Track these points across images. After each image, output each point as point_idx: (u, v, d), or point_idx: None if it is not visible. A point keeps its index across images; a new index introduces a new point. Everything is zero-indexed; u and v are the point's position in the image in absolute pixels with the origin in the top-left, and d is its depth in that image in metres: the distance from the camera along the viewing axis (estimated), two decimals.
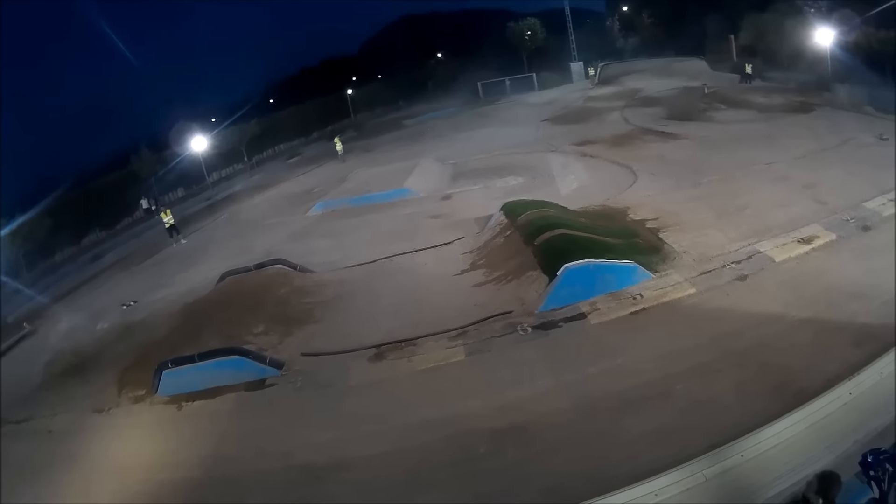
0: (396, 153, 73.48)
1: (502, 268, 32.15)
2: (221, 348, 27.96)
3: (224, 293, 36.19)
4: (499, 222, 37.13)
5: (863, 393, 15.80)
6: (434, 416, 21.60)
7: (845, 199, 31.91)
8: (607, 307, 26.51)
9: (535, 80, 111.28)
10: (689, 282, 27.18)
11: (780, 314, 23.18)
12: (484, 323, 27.30)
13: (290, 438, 22.33)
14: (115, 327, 37.02)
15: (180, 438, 23.96)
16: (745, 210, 33.36)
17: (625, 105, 76.07)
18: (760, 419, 15.55)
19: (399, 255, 38.10)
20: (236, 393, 26.16)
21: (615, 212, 37.29)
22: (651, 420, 18.89)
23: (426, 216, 45.94)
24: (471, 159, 62.40)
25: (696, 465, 14.22)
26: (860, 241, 27.94)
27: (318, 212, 54.22)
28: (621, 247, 30.25)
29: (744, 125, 53.78)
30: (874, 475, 10.17)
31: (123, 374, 29.68)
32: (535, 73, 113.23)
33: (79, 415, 27.28)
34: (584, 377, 22.13)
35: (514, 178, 51.24)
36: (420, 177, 56.26)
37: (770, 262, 27.53)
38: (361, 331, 28.99)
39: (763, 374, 19.85)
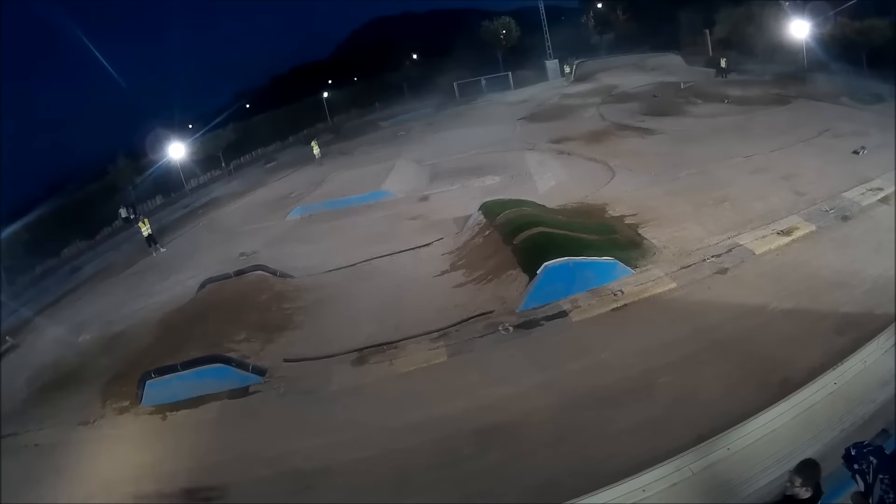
0: (373, 155, 73.32)
1: (482, 268, 32.05)
2: (204, 357, 27.71)
3: (205, 301, 35.92)
4: (477, 222, 37.08)
5: (848, 382, 15.80)
6: (418, 418, 21.48)
7: (824, 189, 32.04)
8: (588, 304, 26.42)
9: (510, 78, 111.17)
10: (670, 276, 27.16)
11: (761, 306, 23.25)
12: (465, 324, 27.20)
13: (275, 445, 22.15)
14: (97, 339, 36.76)
15: (166, 449, 23.74)
16: (724, 203, 33.39)
17: (601, 102, 76.10)
18: (745, 411, 15.48)
19: (378, 257, 37.96)
20: (220, 401, 25.95)
21: (593, 208, 37.33)
22: (636, 415, 18.83)
23: (404, 218, 45.79)
24: (448, 159, 62.28)
25: (682, 460, 14.12)
26: (840, 231, 28.03)
27: (296, 216, 53.94)
28: (601, 243, 30.21)
29: (720, 118, 53.92)
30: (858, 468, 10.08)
31: (107, 386, 29.47)
32: (510, 71, 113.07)
33: (65, 428, 27.02)
34: (567, 374, 22.06)
35: (491, 178, 51.11)
36: (397, 178, 56.10)
37: (750, 255, 27.53)
38: (343, 335, 28.83)
39: (747, 365, 19.88)
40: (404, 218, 45.73)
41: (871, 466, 9.89)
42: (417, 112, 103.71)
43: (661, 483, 13.88)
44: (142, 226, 55.15)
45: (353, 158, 75.91)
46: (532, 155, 56.67)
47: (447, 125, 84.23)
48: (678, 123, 55.71)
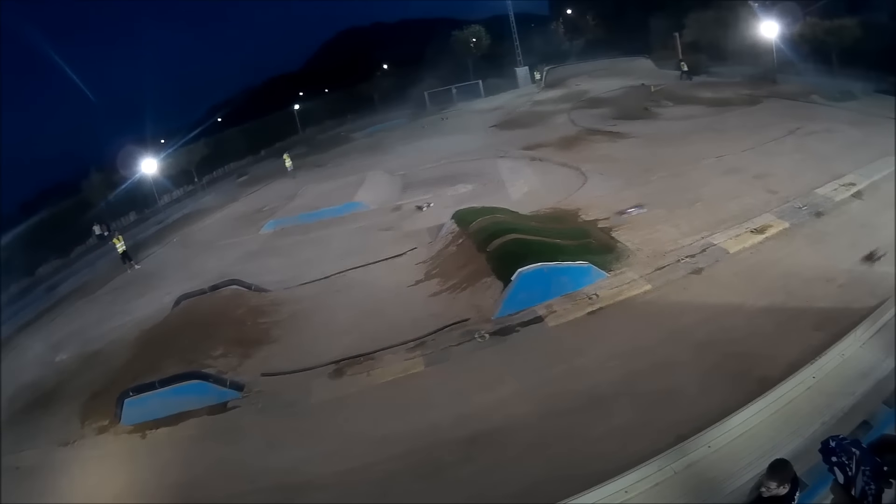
0: (346, 167, 73.23)
1: (456, 276, 31.96)
2: (181, 373, 27.53)
3: (181, 317, 35.73)
4: (450, 231, 36.99)
5: (826, 376, 15.94)
6: (398, 428, 21.42)
7: (796, 187, 32.20)
8: (564, 309, 26.40)
9: (481, 86, 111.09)
10: (645, 278, 27.19)
11: (738, 304, 23.35)
12: (441, 332, 27.09)
13: (256, 460, 22.02)
14: (74, 358, 36.48)
15: (147, 468, 23.58)
16: (697, 204, 33.45)
17: (572, 107, 76.21)
18: (725, 409, 15.50)
19: (353, 269, 37.86)
20: (199, 418, 25.76)
21: (566, 214, 37.32)
22: (616, 417, 18.86)
23: (378, 229, 45.68)
24: (420, 169, 62.29)
25: (664, 460, 14.15)
26: (814, 227, 28.21)
27: (269, 230, 53.79)
28: (574, 248, 30.15)
29: (692, 121, 54.02)
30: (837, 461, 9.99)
31: (86, 405, 29.20)
32: (481, 79, 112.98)
33: (45, 449, 26.73)
34: (545, 380, 22.06)
35: (464, 186, 51.03)
36: (370, 189, 55.98)
37: (725, 254, 27.64)
38: (319, 348, 28.69)
39: (725, 363, 19.93)
40: (378, 229, 45.60)
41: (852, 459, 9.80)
42: (389, 123, 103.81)
43: (643, 483, 13.88)
44: (116, 242, 54.77)
45: (325, 170, 75.77)
46: (504, 162, 56.60)
47: (419, 135, 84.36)
48: (649, 126, 55.84)
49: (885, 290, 21.07)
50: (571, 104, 78.13)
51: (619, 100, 73.41)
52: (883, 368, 16.17)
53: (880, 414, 14.83)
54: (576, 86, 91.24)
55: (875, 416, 14.73)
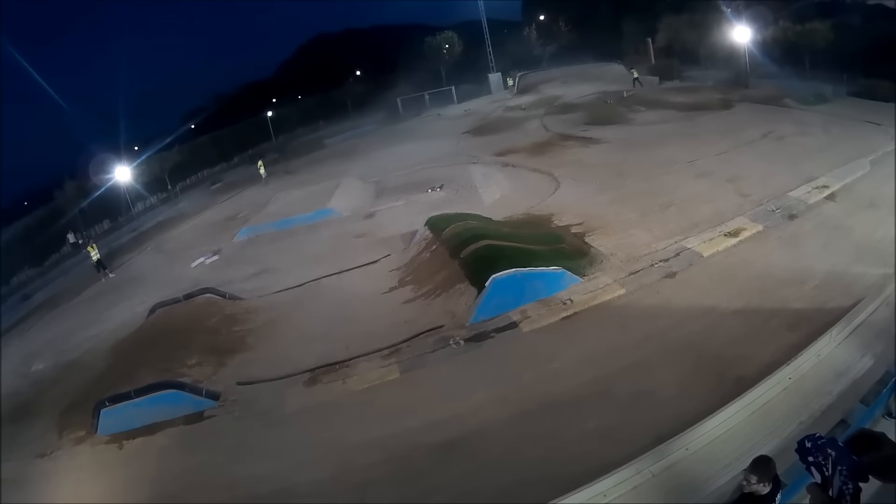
0: (318, 173, 73.08)
1: (430, 283, 31.92)
2: (157, 382, 27.30)
3: (155, 326, 35.50)
4: (424, 237, 36.97)
5: (802, 376, 16.06)
6: (374, 435, 21.32)
7: (769, 190, 32.53)
8: (538, 314, 26.40)
9: (454, 92, 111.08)
10: (619, 283, 27.27)
11: (712, 306, 23.49)
12: (416, 339, 27.02)
13: (233, 469, 21.84)
14: (50, 368, 36.18)
15: (124, 478, 23.31)
16: (670, 208, 33.68)
17: (544, 113, 76.53)
18: (702, 410, 15.54)
19: (326, 276, 37.71)
20: (176, 427, 25.53)
21: (539, 219, 37.43)
22: (592, 421, 18.88)
23: (351, 235, 45.60)
24: (393, 175, 62.26)
25: (641, 463, 14.14)
26: (787, 229, 28.46)
27: (242, 238, 53.42)
28: (547, 253, 30.21)
29: (664, 125, 54.48)
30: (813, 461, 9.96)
31: (63, 416, 28.88)
32: (453, 85, 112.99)
33: (22, 461, 26.31)
34: (520, 385, 22.04)
35: (436, 192, 50.94)
36: (343, 196, 55.88)
37: (698, 258, 27.79)
38: (294, 356, 28.54)
39: (701, 365, 20.04)
40: (351, 236, 45.52)
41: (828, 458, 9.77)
42: (362, 129, 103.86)
43: (621, 487, 13.87)
44: (90, 251, 54.43)
45: (298, 177, 75.69)
46: (477, 168, 56.75)
47: (391, 141, 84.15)
48: (622, 131, 56.10)
49: (858, 290, 21.39)
50: (544, 110, 78.60)
51: (592, 105, 73.74)
52: (859, 368, 16.32)
53: (857, 412, 14.88)
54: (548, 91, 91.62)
55: (852, 415, 14.80)
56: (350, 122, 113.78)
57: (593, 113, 67.97)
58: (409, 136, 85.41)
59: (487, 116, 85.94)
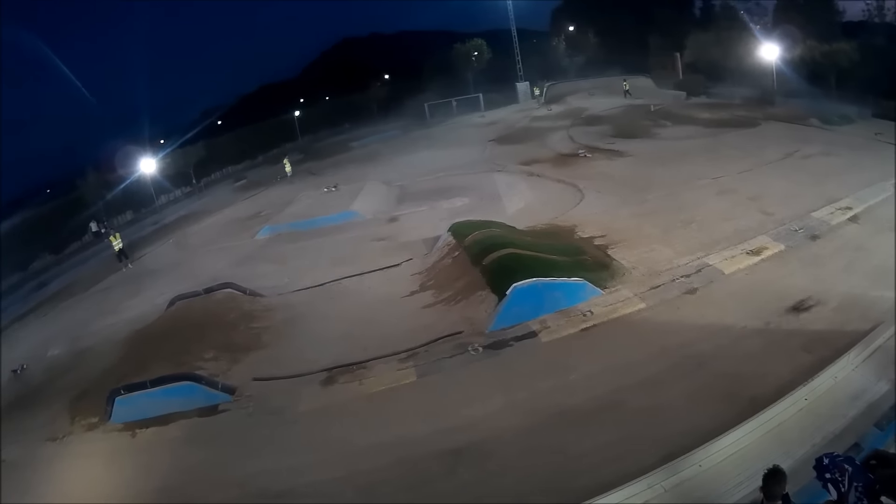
0: (342, 175, 72.92)
1: (451, 288, 31.91)
2: (173, 374, 27.45)
3: (173, 319, 35.56)
4: (446, 243, 36.94)
5: (818, 398, 15.97)
6: (387, 438, 21.29)
7: (792, 209, 32.30)
8: (557, 325, 26.33)
9: (481, 100, 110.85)
10: (639, 297, 27.16)
11: (730, 325, 23.32)
12: (434, 344, 26.99)
13: (243, 465, 21.89)
14: (65, 354, 36.43)
15: (134, 466, 23.43)
16: (693, 224, 33.57)
17: (570, 124, 76.37)
18: (715, 428, 15.56)
19: (347, 277, 37.72)
20: (189, 419, 25.63)
21: (562, 230, 37.30)
22: (606, 434, 18.74)
23: (373, 239, 45.61)
24: (417, 181, 62.23)
25: (654, 477, 14.17)
26: (809, 250, 28.27)
27: (264, 236, 53.66)
28: (569, 264, 30.18)
29: (690, 141, 54.26)
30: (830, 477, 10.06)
31: (75, 402, 29.05)
32: (481, 93, 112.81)
33: (32, 444, 26.58)
34: (536, 395, 21.94)
35: (460, 199, 50.98)
36: (366, 199, 56.00)
37: (719, 275, 27.65)
38: (311, 355, 28.57)
39: (716, 384, 19.88)
40: (373, 239, 45.53)
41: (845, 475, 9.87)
42: (387, 133, 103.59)
43: (633, 500, 13.89)
44: (113, 240, 54.86)
45: (322, 178, 75.56)
46: (501, 176, 56.64)
47: (417, 146, 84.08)
48: (647, 145, 55.96)
49: (877, 314, 21.20)
50: (570, 121, 78.46)
51: (618, 118, 73.65)
52: (874, 392, 16.24)
53: (871, 436, 14.83)
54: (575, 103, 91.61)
55: (866, 439, 14.73)
56: (376, 126, 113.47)
57: (619, 126, 67.85)
58: (434, 142, 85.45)
59: (514, 125, 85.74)
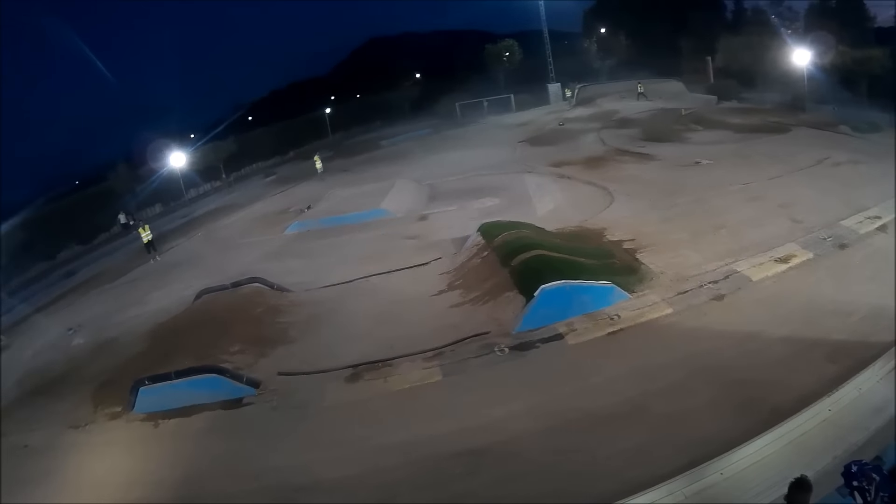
0: (373, 173, 73.15)
1: (479, 289, 32.00)
2: (198, 366, 27.69)
3: (200, 311, 35.97)
4: (475, 243, 37.00)
5: (841, 409, 15.91)
6: (410, 436, 21.40)
7: (822, 217, 32.13)
8: (584, 328, 26.36)
9: (512, 101, 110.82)
10: (667, 302, 27.13)
11: (756, 332, 23.22)
12: (460, 344, 27.07)
13: (264, 458, 22.10)
14: (89, 344, 36.78)
15: (156, 456, 23.68)
16: (722, 230, 33.45)
17: (601, 126, 76.23)
18: (737, 436, 15.61)
19: (375, 275, 37.89)
20: (212, 411, 25.87)
21: (591, 233, 37.28)
22: (628, 439, 18.76)
23: (402, 237, 45.73)
24: (447, 180, 62.35)
25: (674, 484, 14.22)
26: (837, 259, 28.11)
27: (293, 231, 53.93)
28: (597, 267, 30.15)
29: (720, 146, 53.96)
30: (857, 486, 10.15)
31: (99, 391, 29.43)
32: (512, 94, 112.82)
33: (54, 430, 26.96)
34: (560, 397, 21.98)
35: (490, 199, 51.00)
36: (396, 197, 56.07)
37: (747, 282, 27.54)
38: (337, 351, 28.74)
39: (740, 391, 19.84)
40: (402, 237, 45.66)
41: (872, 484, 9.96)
42: (418, 132, 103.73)
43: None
44: (142, 231, 55.32)
45: (352, 175, 75.87)
46: (531, 178, 56.63)
47: (447, 146, 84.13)
48: (677, 150, 55.74)
49: None
50: (601, 123, 78.32)
51: (649, 121, 73.47)
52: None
53: (893, 450, 14.59)
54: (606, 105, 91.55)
55: (888, 452, 14.43)
56: (406, 124, 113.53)
57: (650, 129, 67.75)
58: (465, 141, 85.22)
59: (545, 127, 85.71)
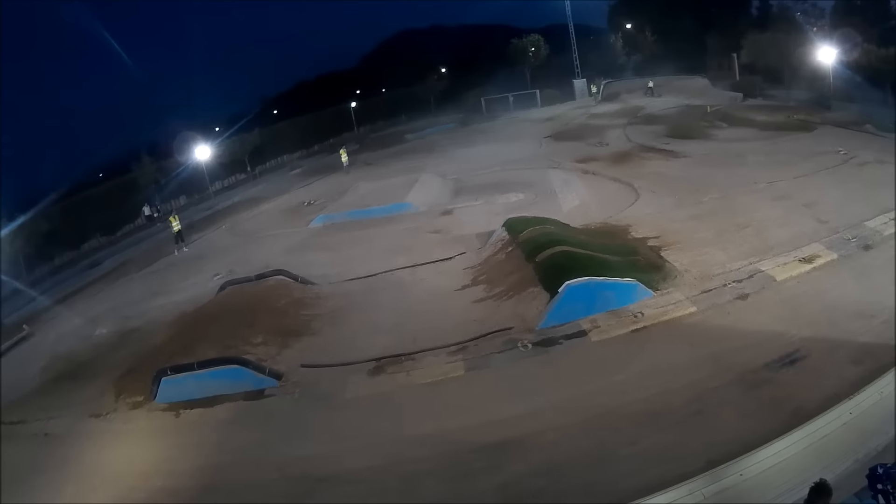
0: (398, 167, 73.52)
1: (503, 284, 32.07)
2: (221, 357, 28.00)
3: (224, 303, 36.28)
4: (500, 238, 37.18)
5: (863, 412, 15.77)
6: (431, 430, 21.58)
7: (846, 218, 31.91)
8: (608, 325, 26.42)
9: (538, 96, 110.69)
10: (690, 300, 27.12)
11: (780, 332, 23.10)
12: (484, 339, 27.20)
13: (285, 449, 22.38)
14: (113, 334, 37.26)
15: (177, 446, 24.02)
16: (746, 229, 33.33)
17: (627, 123, 76.16)
18: (758, 437, 15.60)
19: (399, 269, 38.10)
20: (234, 402, 26.17)
21: (616, 229, 37.29)
22: (649, 437, 18.83)
23: (427, 231, 45.89)
24: (472, 175, 62.39)
25: (694, 484, 14.21)
26: (861, 260, 27.90)
27: (318, 224, 54.20)
28: (622, 264, 30.21)
29: (745, 143, 53.89)
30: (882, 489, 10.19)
31: (121, 380, 29.81)
32: (538, 89, 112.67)
33: (75, 419, 27.38)
34: (583, 394, 22.01)
35: (515, 195, 50.97)
36: (421, 191, 56.31)
37: (771, 281, 27.45)
38: (360, 344, 28.97)
39: (762, 391, 19.85)
40: (427, 231, 45.85)
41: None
42: (444, 126, 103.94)
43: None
44: (172, 221, 55.92)
45: (377, 169, 76.14)
46: (557, 173, 56.56)
47: (473, 140, 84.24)
48: (703, 147, 55.74)
49: None
50: (627, 119, 78.24)
51: (674, 118, 73.41)
52: None
53: None
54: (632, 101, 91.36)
55: None
56: (432, 118, 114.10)
57: (675, 126, 67.58)
58: (490, 136, 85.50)
59: (570, 122, 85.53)
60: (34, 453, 25.27)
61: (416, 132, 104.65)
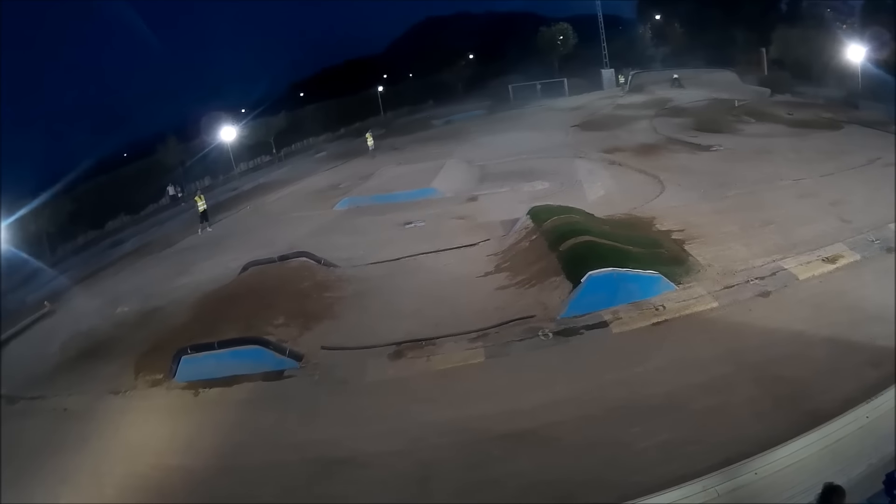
0: (423, 152, 73.64)
1: (526, 272, 32.13)
2: (242, 337, 28.22)
3: (246, 283, 36.51)
4: (524, 226, 37.18)
5: (880, 417, 15.68)
6: (450, 416, 21.65)
7: (871, 218, 31.63)
8: (629, 316, 26.43)
9: (565, 85, 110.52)
10: (712, 295, 27.03)
11: (799, 332, 23.01)
12: (505, 326, 27.26)
13: (303, 431, 22.53)
14: (134, 312, 37.56)
15: (195, 425, 24.23)
16: (771, 225, 33.19)
17: (654, 114, 75.85)
18: (773, 437, 15.60)
19: (423, 254, 38.21)
20: (254, 383, 26.39)
21: (641, 221, 37.28)
22: (665, 432, 18.81)
23: (451, 217, 46.04)
24: (498, 162, 62.40)
25: (708, 481, 14.24)
26: (884, 262, 27.55)
27: (343, 207, 54.50)
28: (645, 256, 30.13)
29: (772, 139, 53.58)
30: None
31: (141, 358, 30.05)
32: (565, 78, 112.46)
33: (94, 395, 27.68)
34: (601, 385, 22.03)
35: (540, 183, 51.01)
36: (447, 177, 56.42)
37: (793, 280, 27.32)
38: (382, 328, 29.10)
39: (780, 390, 19.77)
40: (451, 217, 45.98)
41: None
42: (470, 113, 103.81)
43: (686, 502, 14.03)
44: (198, 200, 56.47)
45: (403, 154, 76.38)
46: (582, 163, 56.55)
47: (499, 128, 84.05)
48: (729, 141, 55.39)
49: None
50: (654, 111, 77.92)
51: (702, 111, 73.09)
52: None
53: None
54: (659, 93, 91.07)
55: None
56: (458, 104, 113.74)
57: (702, 119, 67.30)
58: (516, 124, 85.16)
59: (597, 112, 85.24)
60: (53, 428, 25.56)
61: (443, 118, 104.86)
